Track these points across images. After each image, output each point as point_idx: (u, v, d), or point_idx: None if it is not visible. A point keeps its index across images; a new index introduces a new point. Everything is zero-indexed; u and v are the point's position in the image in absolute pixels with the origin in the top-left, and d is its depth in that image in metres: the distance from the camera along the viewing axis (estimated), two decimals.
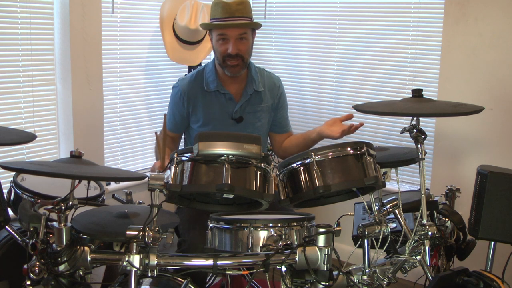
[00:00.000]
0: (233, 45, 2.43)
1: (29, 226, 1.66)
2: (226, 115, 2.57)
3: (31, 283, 1.60)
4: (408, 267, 1.96)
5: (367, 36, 3.42)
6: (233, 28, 2.42)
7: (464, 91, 3.02)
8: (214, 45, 2.51)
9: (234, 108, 2.56)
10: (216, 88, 2.54)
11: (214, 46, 2.51)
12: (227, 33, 2.43)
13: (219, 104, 2.56)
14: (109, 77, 3.18)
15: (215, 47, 2.51)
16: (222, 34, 2.44)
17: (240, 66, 2.49)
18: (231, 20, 2.41)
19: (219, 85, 2.55)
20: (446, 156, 3.16)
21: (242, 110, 2.58)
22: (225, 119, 2.57)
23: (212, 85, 2.55)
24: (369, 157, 1.78)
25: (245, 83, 2.59)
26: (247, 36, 2.47)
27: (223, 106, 2.56)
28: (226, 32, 2.43)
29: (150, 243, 1.60)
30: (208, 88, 2.55)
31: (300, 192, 1.76)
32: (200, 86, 2.57)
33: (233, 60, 2.45)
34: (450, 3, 3.03)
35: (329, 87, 3.61)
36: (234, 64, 2.46)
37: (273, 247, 1.71)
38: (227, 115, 2.57)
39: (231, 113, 2.57)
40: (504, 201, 2.13)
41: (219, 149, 1.62)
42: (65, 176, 1.61)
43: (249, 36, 2.49)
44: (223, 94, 2.56)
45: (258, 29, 2.56)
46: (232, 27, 2.42)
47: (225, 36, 2.44)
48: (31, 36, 2.79)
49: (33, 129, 2.82)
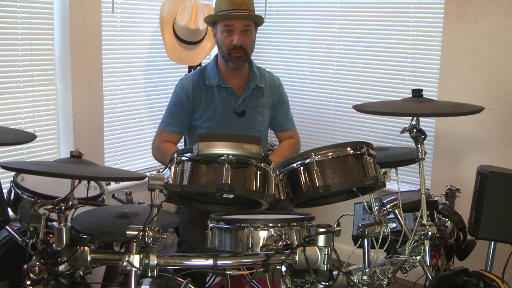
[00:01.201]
0: (239, 36, 2.48)
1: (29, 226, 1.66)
2: (229, 109, 2.59)
3: (31, 283, 1.60)
4: (408, 267, 1.96)
5: (367, 36, 3.42)
6: (239, 20, 2.48)
7: (464, 91, 3.02)
8: (219, 37, 2.53)
9: (236, 102, 2.59)
10: (218, 83, 2.57)
11: (219, 38, 2.54)
12: (233, 24, 2.48)
13: (221, 99, 2.59)
14: (109, 77, 3.18)
15: (220, 40, 2.53)
16: (228, 25, 2.49)
17: (243, 59, 2.53)
18: (237, 11, 2.47)
19: (221, 79, 2.58)
20: (446, 156, 3.16)
21: (245, 105, 2.60)
22: (228, 113, 2.59)
23: (214, 80, 2.58)
24: (369, 157, 1.78)
25: (247, 78, 2.63)
26: (251, 29, 2.52)
27: (225, 100, 2.59)
28: (232, 23, 2.48)
29: (150, 243, 1.60)
30: (210, 83, 2.58)
31: (300, 192, 1.76)
32: (202, 82, 2.60)
33: (238, 51, 2.50)
34: (450, 3, 3.03)
35: (329, 87, 3.61)
36: (238, 55, 2.50)
37: (273, 247, 1.71)
38: (229, 109, 2.59)
39: (233, 107, 2.59)
40: (504, 201, 2.13)
41: (219, 149, 1.62)
42: (65, 176, 1.61)
43: (253, 29, 2.54)
44: (225, 88, 2.59)
45: (261, 25, 2.60)
46: (238, 18, 2.47)
47: (231, 27, 2.48)
48: (31, 36, 2.79)
49: (33, 129, 2.82)
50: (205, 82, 2.59)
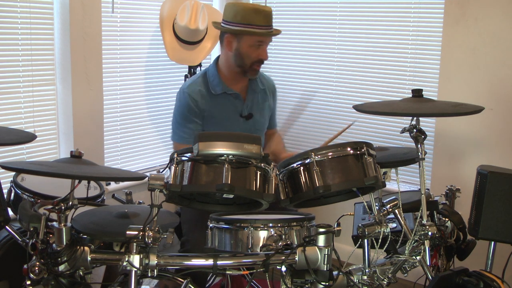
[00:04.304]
0: (266, 51, 2.57)
1: (29, 226, 1.66)
2: (236, 114, 2.63)
3: (31, 283, 1.60)
4: (408, 267, 1.96)
5: (367, 36, 3.42)
6: (269, 37, 2.57)
7: (464, 91, 3.02)
8: (245, 49, 2.54)
9: (242, 106, 2.63)
10: (223, 90, 2.60)
11: (245, 50, 2.54)
12: (265, 41, 2.56)
13: (228, 105, 2.62)
14: (109, 77, 3.18)
15: (245, 52, 2.54)
16: (261, 41, 2.55)
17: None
18: (270, 28, 2.55)
19: (225, 86, 2.61)
20: (446, 156, 3.16)
21: (250, 108, 2.65)
22: (235, 117, 2.63)
23: (218, 88, 2.60)
24: (369, 157, 1.78)
25: (247, 82, 2.66)
26: None
27: (232, 105, 2.63)
28: (265, 40, 2.56)
29: (150, 243, 1.60)
30: (215, 91, 2.60)
31: (300, 192, 1.76)
32: (207, 91, 2.60)
33: (260, 65, 2.59)
34: (450, 3, 3.03)
35: (329, 87, 3.61)
36: (259, 68, 2.60)
37: (273, 247, 1.71)
38: (236, 113, 2.63)
39: (240, 111, 2.62)
40: (504, 201, 2.13)
41: (219, 149, 1.62)
42: (65, 176, 1.61)
43: None
44: (230, 94, 2.61)
45: None
46: (270, 36, 2.57)
47: (262, 43, 2.55)
48: (31, 36, 2.79)
49: (33, 129, 2.82)
50: (209, 91, 2.59)
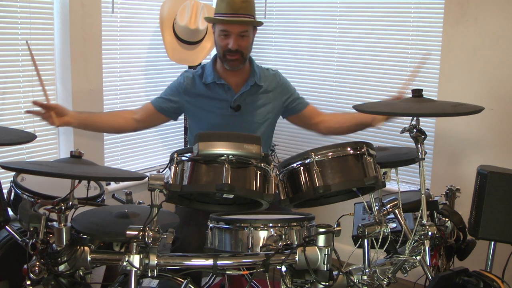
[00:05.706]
0: (234, 41, 2.48)
1: (29, 226, 1.67)
2: (225, 104, 2.60)
3: (31, 283, 1.60)
4: (408, 267, 1.96)
5: (367, 36, 3.42)
6: (235, 25, 2.47)
7: (464, 91, 3.02)
8: (216, 39, 2.56)
9: (233, 97, 2.60)
10: (213, 80, 2.60)
11: (216, 40, 2.56)
12: (229, 29, 2.48)
13: (217, 94, 2.61)
14: (109, 77, 3.18)
15: (216, 41, 2.56)
16: (224, 30, 2.49)
17: (239, 61, 2.54)
18: (234, 16, 2.46)
19: (216, 76, 2.60)
20: (446, 156, 3.16)
21: (241, 100, 2.61)
22: (224, 108, 2.60)
23: (210, 77, 2.61)
24: (369, 157, 1.78)
25: (247, 76, 2.64)
26: (248, 33, 2.52)
27: (221, 96, 2.61)
28: (228, 28, 2.49)
29: (150, 243, 1.60)
30: (206, 80, 2.61)
31: (300, 192, 1.76)
32: (200, 79, 2.64)
33: (233, 55, 2.51)
34: (450, 3, 3.02)
35: (329, 87, 3.61)
36: (233, 59, 2.52)
37: (273, 247, 1.71)
38: (225, 103, 2.60)
39: (229, 102, 2.60)
40: (504, 201, 2.13)
41: (219, 149, 1.62)
42: (65, 176, 1.61)
43: (250, 33, 2.54)
44: (220, 84, 2.60)
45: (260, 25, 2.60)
46: (234, 24, 2.47)
47: (227, 32, 2.49)
48: (31, 36, 2.79)
49: (33, 129, 2.82)
50: (201, 80, 2.63)
